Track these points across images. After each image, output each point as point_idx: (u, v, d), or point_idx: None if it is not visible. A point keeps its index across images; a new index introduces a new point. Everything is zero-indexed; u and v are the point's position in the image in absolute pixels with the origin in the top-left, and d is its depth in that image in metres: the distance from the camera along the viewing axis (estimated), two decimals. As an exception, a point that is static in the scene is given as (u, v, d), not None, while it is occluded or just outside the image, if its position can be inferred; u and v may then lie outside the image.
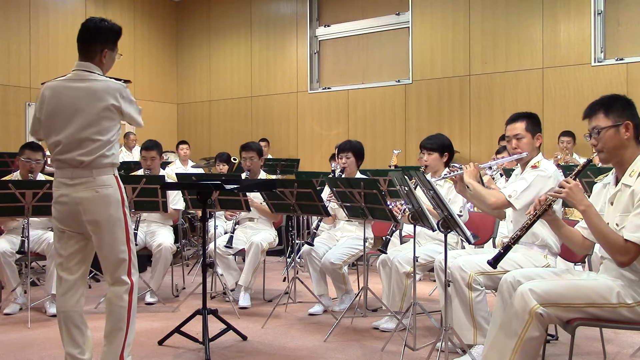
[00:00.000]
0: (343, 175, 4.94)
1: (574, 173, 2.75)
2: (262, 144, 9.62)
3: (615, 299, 2.62)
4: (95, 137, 3.04)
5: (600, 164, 5.57)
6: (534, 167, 3.55)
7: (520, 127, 3.61)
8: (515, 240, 2.77)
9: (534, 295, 2.60)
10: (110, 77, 3.14)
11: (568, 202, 2.72)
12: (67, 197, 3.08)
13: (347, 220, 4.99)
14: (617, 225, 2.65)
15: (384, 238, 4.50)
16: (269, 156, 9.38)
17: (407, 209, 4.02)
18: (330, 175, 5.71)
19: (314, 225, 5.06)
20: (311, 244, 4.83)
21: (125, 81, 3.19)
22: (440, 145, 4.42)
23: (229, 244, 5.11)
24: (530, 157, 3.62)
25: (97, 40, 3.14)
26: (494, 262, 2.80)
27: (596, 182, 2.99)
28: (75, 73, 3.13)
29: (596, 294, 2.64)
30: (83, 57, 3.16)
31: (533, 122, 3.63)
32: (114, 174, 3.12)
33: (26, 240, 4.66)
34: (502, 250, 2.78)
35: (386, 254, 4.33)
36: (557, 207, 2.83)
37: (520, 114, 3.68)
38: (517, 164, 3.83)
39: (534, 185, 3.46)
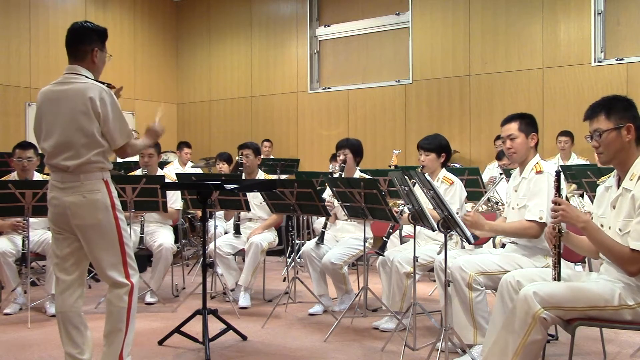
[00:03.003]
0: (343, 175, 4.94)
1: (554, 191, 2.73)
2: (266, 144, 9.65)
3: (617, 301, 2.61)
4: (77, 138, 3.02)
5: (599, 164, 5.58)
6: (539, 172, 3.52)
7: (513, 127, 3.61)
8: (559, 276, 2.73)
9: (537, 298, 2.58)
10: (95, 80, 3.13)
11: (565, 223, 2.71)
12: (58, 200, 3.09)
13: (345, 220, 4.99)
14: (619, 230, 2.63)
15: (383, 238, 4.51)
16: (271, 157, 9.38)
17: (405, 210, 4.02)
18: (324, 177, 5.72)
19: (322, 224, 5.05)
20: (321, 243, 4.84)
21: (108, 85, 3.16)
22: (437, 146, 4.41)
23: (237, 232, 5.20)
24: (527, 157, 3.61)
25: (84, 40, 3.14)
26: None
27: (598, 185, 2.98)
28: (62, 77, 3.14)
29: (599, 297, 2.63)
30: (73, 59, 3.16)
31: (527, 122, 3.61)
32: (103, 179, 3.10)
33: (26, 240, 4.68)
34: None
35: (384, 256, 4.32)
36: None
37: (513, 114, 3.67)
38: (509, 163, 3.81)
39: (550, 192, 3.41)
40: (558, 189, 2.74)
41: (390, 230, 4.48)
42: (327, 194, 5.03)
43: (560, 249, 2.75)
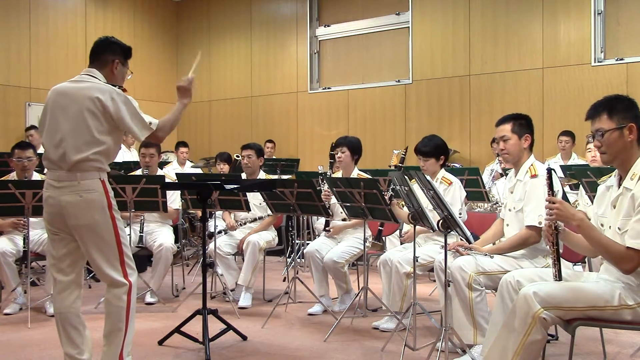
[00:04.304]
0: (341, 172, 4.94)
1: (548, 189, 2.73)
2: (269, 145, 9.65)
3: (617, 301, 2.62)
4: (79, 133, 3.03)
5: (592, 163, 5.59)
6: (534, 175, 3.50)
7: (506, 128, 3.59)
8: (559, 276, 2.73)
9: (537, 298, 2.58)
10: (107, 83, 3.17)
11: (560, 221, 2.71)
12: (54, 199, 3.08)
13: (342, 220, 5.00)
14: (619, 229, 2.63)
15: (379, 227, 4.54)
16: (274, 157, 9.38)
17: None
18: (320, 177, 5.72)
19: (323, 223, 5.08)
20: (328, 230, 4.92)
21: (120, 87, 3.20)
22: (435, 149, 4.37)
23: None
24: (520, 158, 3.60)
25: (107, 50, 3.23)
26: None
27: (599, 184, 2.98)
28: (78, 76, 3.19)
29: (599, 297, 2.63)
30: (93, 64, 3.22)
31: (520, 123, 3.59)
32: (100, 179, 3.10)
33: (26, 240, 4.68)
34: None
35: (381, 244, 4.33)
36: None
37: (507, 115, 3.65)
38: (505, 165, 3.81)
39: (545, 195, 3.39)
40: (551, 186, 2.74)
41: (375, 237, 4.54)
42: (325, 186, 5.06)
43: (559, 246, 2.75)
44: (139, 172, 5.61)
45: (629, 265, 2.54)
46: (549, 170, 2.79)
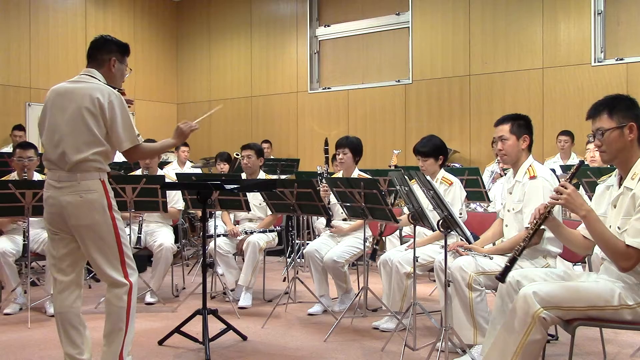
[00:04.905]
0: (336, 174, 4.95)
1: (569, 176, 2.72)
2: (265, 145, 9.65)
3: (616, 301, 2.61)
4: (79, 134, 3.03)
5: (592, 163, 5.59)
6: (532, 177, 3.49)
7: (505, 129, 3.58)
8: (520, 251, 2.73)
9: (537, 298, 2.58)
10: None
11: (567, 208, 2.70)
12: (54, 199, 3.08)
13: (342, 220, 5.00)
14: (618, 228, 2.63)
15: (373, 246, 4.59)
16: (271, 157, 9.38)
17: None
18: (319, 177, 5.73)
19: (323, 223, 5.11)
20: (330, 223, 4.96)
21: (119, 90, 3.21)
22: (434, 150, 4.37)
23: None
24: (518, 159, 3.59)
25: (103, 49, 3.22)
26: (502, 277, 2.75)
27: (598, 184, 2.98)
28: (77, 76, 3.19)
29: (598, 297, 2.63)
30: (90, 64, 3.22)
31: (519, 124, 3.58)
32: (100, 179, 3.10)
33: (27, 241, 4.68)
34: (508, 264, 2.74)
35: (374, 261, 4.38)
36: (558, 207, 2.80)
37: (506, 116, 3.64)
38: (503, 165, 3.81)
39: (545, 197, 3.38)
40: (573, 175, 2.72)
41: (378, 237, 4.54)
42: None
43: (539, 227, 2.73)
44: (139, 172, 5.61)
45: (627, 263, 2.54)
46: (581, 162, 2.79)
